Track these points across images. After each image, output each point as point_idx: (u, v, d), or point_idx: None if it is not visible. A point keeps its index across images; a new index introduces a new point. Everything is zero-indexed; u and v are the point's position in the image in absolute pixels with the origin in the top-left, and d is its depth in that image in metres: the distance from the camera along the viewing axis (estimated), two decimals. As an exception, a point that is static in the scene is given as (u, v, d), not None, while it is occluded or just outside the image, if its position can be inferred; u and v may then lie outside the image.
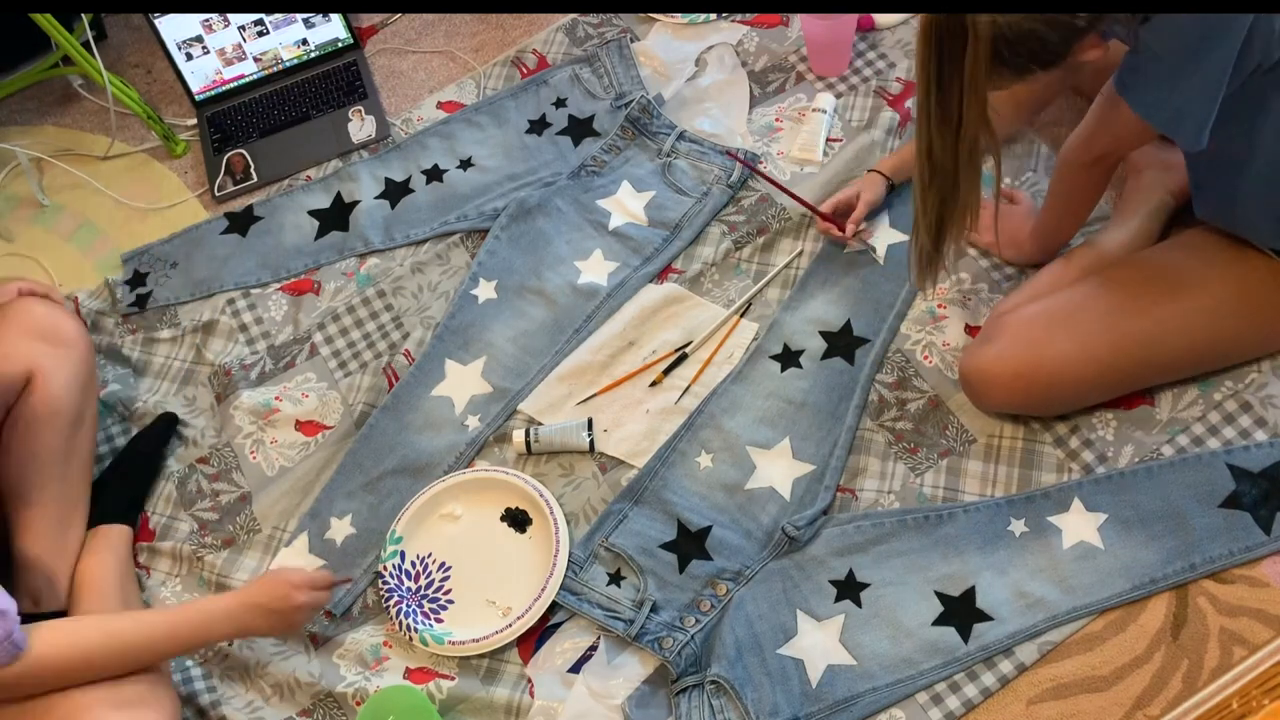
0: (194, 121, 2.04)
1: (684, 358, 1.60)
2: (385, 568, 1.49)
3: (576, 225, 1.76)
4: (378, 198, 1.86)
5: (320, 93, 2.02)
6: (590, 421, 1.56)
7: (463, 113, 1.93)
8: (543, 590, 1.42)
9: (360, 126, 1.96)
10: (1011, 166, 1.67)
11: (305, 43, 2.04)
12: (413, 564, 1.51)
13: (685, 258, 1.70)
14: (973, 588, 1.35)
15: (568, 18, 2.02)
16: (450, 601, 1.47)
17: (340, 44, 2.06)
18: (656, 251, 1.71)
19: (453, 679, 1.41)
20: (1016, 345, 1.39)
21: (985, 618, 1.33)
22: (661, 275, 1.69)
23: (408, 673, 1.42)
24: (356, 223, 1.84)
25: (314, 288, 1.79)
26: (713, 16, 1.95)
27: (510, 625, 1.41)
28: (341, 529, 1.55)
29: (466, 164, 1.87)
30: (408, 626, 1.44)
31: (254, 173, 1.95)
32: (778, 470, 1.49)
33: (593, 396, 1.60)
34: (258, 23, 2.00)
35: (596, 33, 1.99)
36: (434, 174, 1.87)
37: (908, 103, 1.77)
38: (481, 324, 1.68)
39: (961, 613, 1.34)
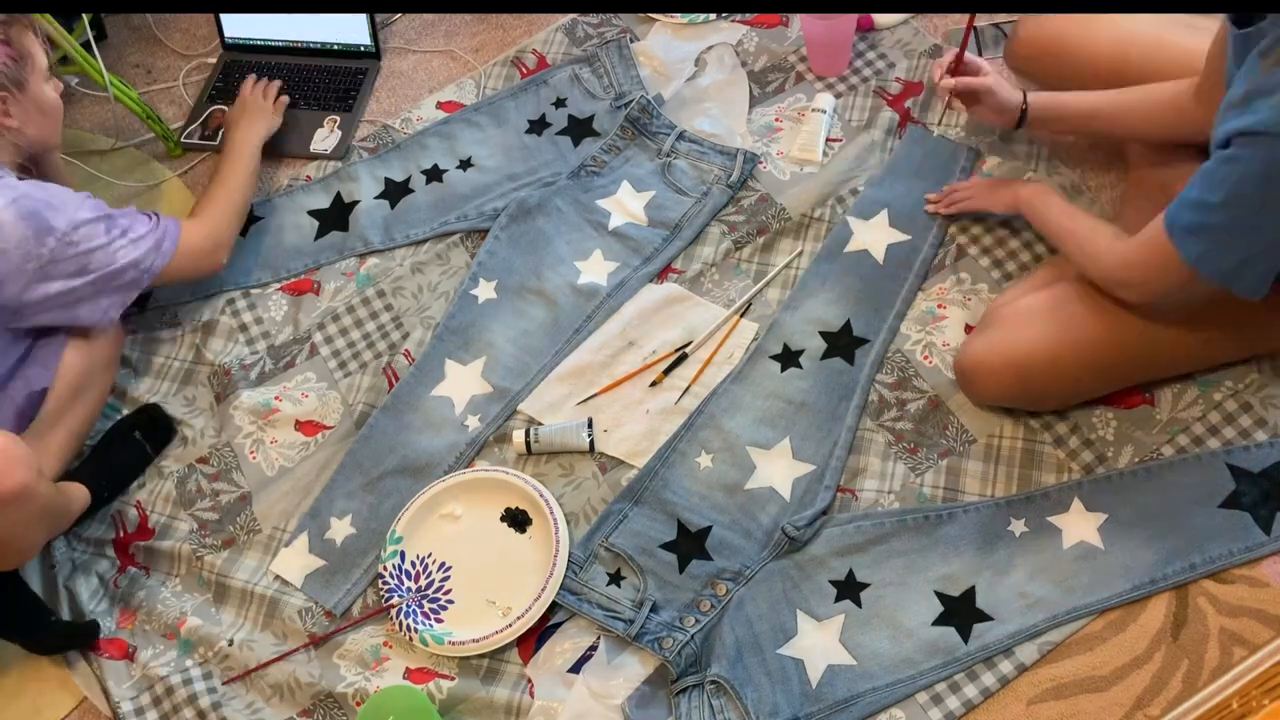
0: (185, 123, 2.03)
1: (684, 358, 1.60)
2: (385, 568, 1.49)
3: (576, 225, 1.76)
4: (377, 198, 1.86)
5: (318, 87, 2.01)
6: (590, 421, 1.56)
7: (463, 113, 1.93)
8: (543, 590, 1.42)
9: (325, 136, 1.95)
10: (1014, 169, 1.67)
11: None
12: (413, 564, 1.51)
13: (685, 258, 1.70)
14: (973, 588, 1.35)
15: (568, 18, 2.02)
16: (450, 601, 1.47)
17: (361, 49, 2.04)
18: (656, 251, 1.71)
19: (453, 679, 1.41)
20: (1008, 335, 1.39)
21: (985, 618, 1.33)
22: (661, 275, 1.69)
23: (408, 673, 1.42)
24: (356, 223, 1.84)
25: (314, 288, 1.79)
26: (712, 16, 1.95)
27: (510, 625, 1.41)
28: (341, 529, 1.55)
29: (466, 164, 1.87)
30: (408, 626, 1.44)
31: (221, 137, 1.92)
32: (778, 470, 1.49)
33: (593, 396, 1.60)
34: None
35: (596, 33, 1.98)
36: (434, 174, 1.87)
37: (908, 102, 1.77)
38: (481, 324, 1.68)
39: (961, 613, 1.34)
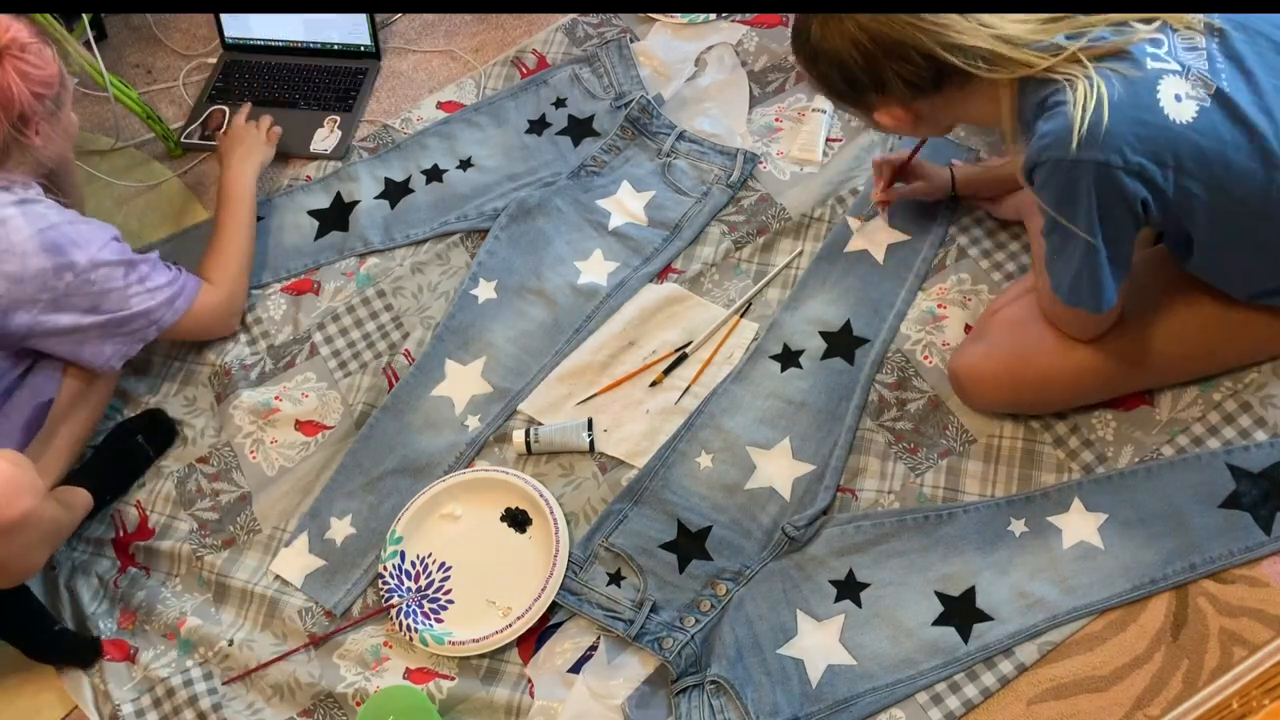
0: (186, 123, 2.03)
1: (684, 358, 1.60)
2: (385, 568, 1.49)
3: (576, 225, 1.76)
4: (377, 198, 1.86)
5: (318, 87, 2.01)
6: (590, 421, 1.56)
7: (463, 113, 1.93)
8: (543, 590, 1.42)
9: (325, 136, 1.95)
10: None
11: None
12: (413, 564, 1.51)
13: (685, 258, 1.70)
14: (973, 588, 1.35)
15: (567, 18, 2.02)
16: (450, 601, 1.47)
17: (361, 49, 2.04)
18: (656, 251, 1.71)
19: (453, 679, 1.41)
20: (1004, 343, 1.39)
21: (985, 618, 1.33)
22: (661, 275, 1.69)
23: (408, 673, 1.42)
24: (356, 223, 1.84)
25: (314, 288, 1.79)
26: (712, 16, 1.95)
27: (510, 625, 1.41)
28: (341, 529, 1.55)
29: (466, 164, 1.87)
30: (408, 626, 1.44)
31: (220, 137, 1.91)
32: (778, 470, 1.49)
33: (593, 396, 1.60)
34: None
35: (596, 33, 1.98)
36: (434, 174, 1.87)
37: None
38: (481, 324, 1.68)
39: (961, 613, 1.34)
